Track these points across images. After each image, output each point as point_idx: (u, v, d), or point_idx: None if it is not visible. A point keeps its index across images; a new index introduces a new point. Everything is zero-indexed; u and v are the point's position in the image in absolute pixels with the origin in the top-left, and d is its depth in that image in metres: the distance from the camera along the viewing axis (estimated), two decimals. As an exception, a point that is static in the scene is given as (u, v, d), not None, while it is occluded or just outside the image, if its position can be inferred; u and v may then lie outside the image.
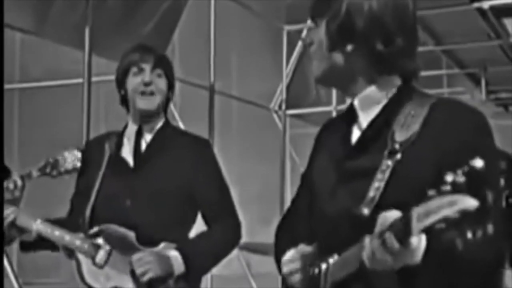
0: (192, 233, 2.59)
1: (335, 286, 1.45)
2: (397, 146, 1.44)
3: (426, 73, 7.44)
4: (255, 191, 6.90)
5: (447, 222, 1.12)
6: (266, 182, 7.18)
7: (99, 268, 2.42)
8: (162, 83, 2.55)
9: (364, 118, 1.55)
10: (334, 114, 6.84)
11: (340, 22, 1.50)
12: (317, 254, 1.53)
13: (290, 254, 1.59)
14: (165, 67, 2.57)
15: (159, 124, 2.59)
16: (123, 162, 2.54)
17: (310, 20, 1.62)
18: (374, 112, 1.54)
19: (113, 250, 2.43)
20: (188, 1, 5.42)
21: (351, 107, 1.58)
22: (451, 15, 6.61)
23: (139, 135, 2.56)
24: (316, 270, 1.50)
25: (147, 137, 2.57)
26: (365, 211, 1.39)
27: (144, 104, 2.52)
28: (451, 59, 8.37)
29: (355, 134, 1.56)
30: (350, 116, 1.58)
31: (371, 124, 1.53)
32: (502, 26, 7.18)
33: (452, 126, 1.43)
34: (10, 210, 2.41)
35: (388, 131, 1.47)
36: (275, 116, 7.25)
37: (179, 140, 2.61)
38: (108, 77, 3.38)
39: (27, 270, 5.14)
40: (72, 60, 4.85)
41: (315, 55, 1.57)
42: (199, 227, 2.63)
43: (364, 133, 1.54)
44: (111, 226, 2.44)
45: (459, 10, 6.52)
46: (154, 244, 2.41)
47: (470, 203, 1.10)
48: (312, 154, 1.72)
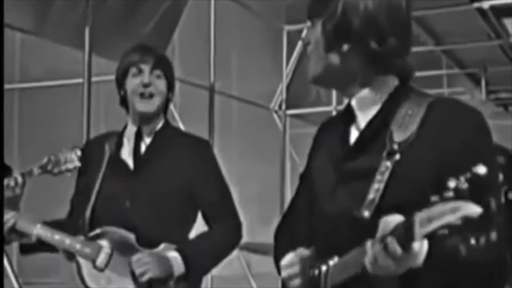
0: (193, 233, 2.59)
1: (335, 289, 1.45)
2: (395, 147, 1.43)
3: (426, 73, 7.45)
4: (255, 191, 6.89)
5: (450, 228, 1.11)
6: (266, 182, 7.18)
7: (99, 271, 2.42)
8: (161, 84, 2.54)
9: (362, 119, 1.55)
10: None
11: (336, 22, 1.50)
12: (315, 257, 1.52)
13: (288, 258, 1.58)
14: (164, 68, 2.56)
15: (159, 125, 2.58)
16: (122, 164, 2.54)
17: (307, 19, 1.62)
18: (371, 112, 1.53)
19: (113, 253, 2.42)
20: (188, 1, 5.42)
21: (349, 107, 1.58)
22: (451, 15, 6.60)
23: (138, 137, 2.55)
24: (316, 272, 1.49)
25: (147, 139, 2.56)
26: (365, 213, 1.38)
27: (143, 106, 2.51)
28: (451, 59, 8.36)
29: (353, 135, 1.56)
30: (348, 116, 1.58)
31: (369, 125, 1.53)
32: (502, 26, 7.17)
33: (451, 125, 1.42)
34: (10, 215, 2.40)
35: (386, 132, 1.47)
36: (275, 116, 7.25)
37: (179, 140, 2.60)
38: (108, 77, 3.37)
39: (27, 270, 5.13)
40: (72, 60, 4.84)
41: (312, 55, 1.57)
42: (199, 227, 2.62)
43: (362, 133, 1.54)
44: (111, 228, 2.44)
45: (459, 10, 6.51)
46: (154, 245, 2.41)
47: (473, 209, 1.10)
48: (310, 153, 1.72)
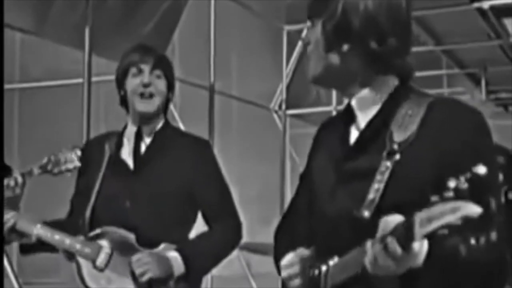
0: (193, 233, 2.59)
1: (335, 289, 1.45)
2: (395, 147, 1.43)
3: (426, 73, 7.45)
4: (255, 191, 6.89)
5: (450, 228, 1.11)
6: (266, 182, 7.18)
7: (99, 271, 2.42)
8: (161, 84, 2.54)
9: (362, 119, 1.55)
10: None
11: (336, 22, 1.50)
12: (315, 257, 1.52)
13: (288, 258, 1.58)
14: (164, 68, 2.56)
15: (159, 125, 2.58)
16: (122, 164, 2.54)
17: (307, 19, 1.62)
18: (371, 112, 1.53)
19: (113, 253, 2.42)
20: (188, 1, 5.42)
21: (349, 107, 1.58)
22: (451, 15, 6.60)
23: (138, 137, 2.55)
24: (316, 272, 1.49)
25: (147, 139, 2.56)
26: (365, 213, 1.38)
27: (143, 107, 2.51)
28: (451, 59, 8.36)
29: (353, 135, 1.56)
30: (348, 116, 1.58)
31: (369, 125, 1.53)
32: (502, 26, 7.17)
33: (451, 125, 1.42)
34: (10, 215, 2.40)
35: (386, 132, 1.47)
36: (275, 116, 7.25)
37: (179, 141, 2.60)
38: (108, 77, 3.37)
39: (27, 270, 5.13)
40: (72, 60, 4.84)
41: (312, 55, 1.57)
42: (199, 227, 2.62)
43: (362, 133, 1.54)
44: (111, 228, 2.44)
45: (459, 10, 6.51)
46: (154, 246, 2.41)
47: (473, 209, 1.10)
48: (310, 153, 1.72)
